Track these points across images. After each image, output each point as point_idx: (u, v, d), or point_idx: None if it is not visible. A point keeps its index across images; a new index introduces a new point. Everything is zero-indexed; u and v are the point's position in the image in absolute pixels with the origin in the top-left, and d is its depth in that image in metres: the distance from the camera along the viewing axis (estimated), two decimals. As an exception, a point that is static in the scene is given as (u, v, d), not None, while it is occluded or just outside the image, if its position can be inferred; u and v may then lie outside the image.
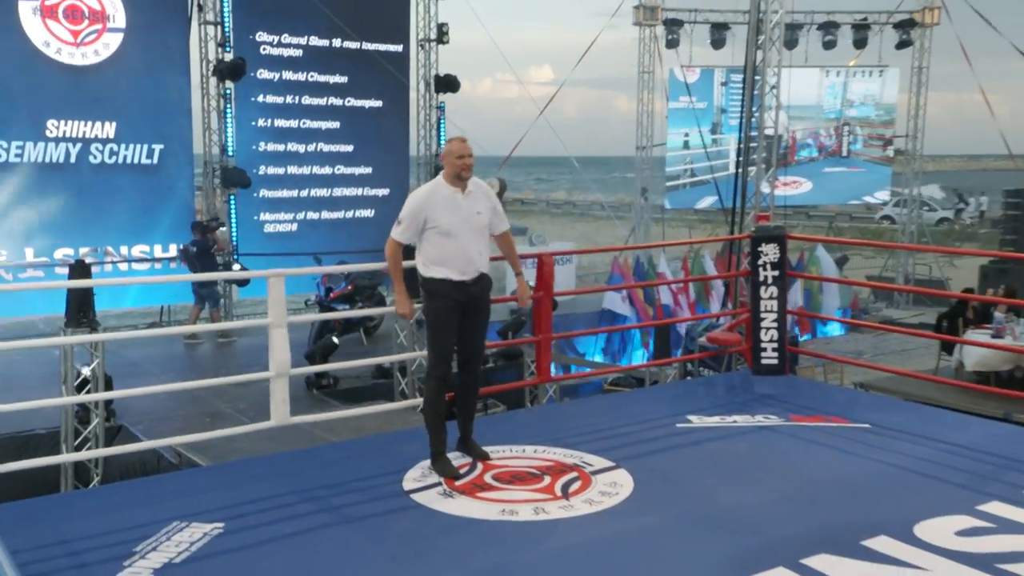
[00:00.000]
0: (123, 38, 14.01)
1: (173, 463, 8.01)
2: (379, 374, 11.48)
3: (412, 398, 8.88)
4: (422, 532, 4.45)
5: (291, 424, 5.80)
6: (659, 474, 5.21)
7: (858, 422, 6.12)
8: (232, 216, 15.23)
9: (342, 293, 12.51)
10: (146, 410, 9.82)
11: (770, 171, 14.26)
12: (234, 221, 15.27)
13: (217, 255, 14.27)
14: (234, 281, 14.26)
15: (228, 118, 15.15)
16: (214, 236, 13.96)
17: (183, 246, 13.94)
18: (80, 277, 8.39)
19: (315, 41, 15.95)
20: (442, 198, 5.08)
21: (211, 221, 14.38)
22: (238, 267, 14.43)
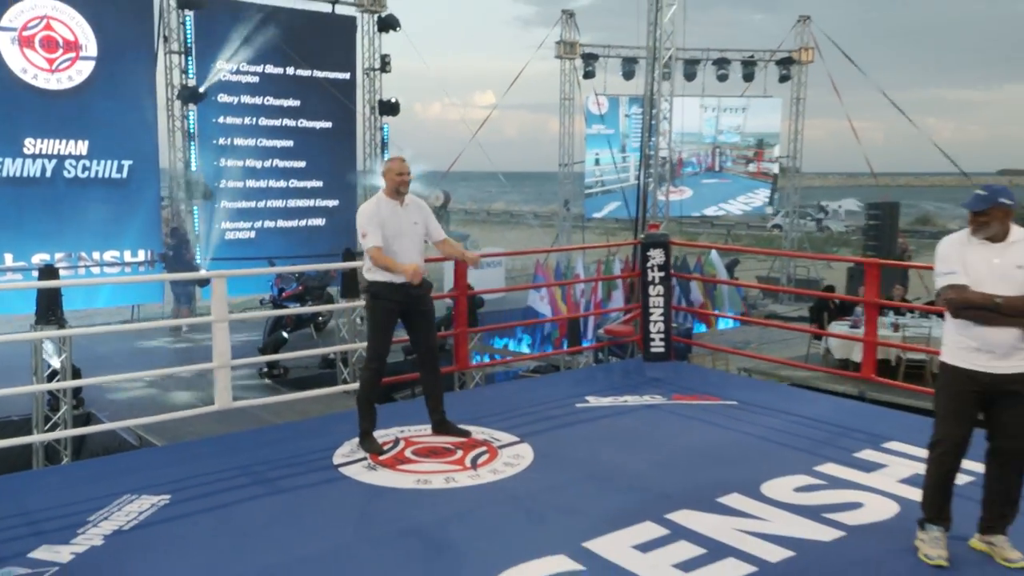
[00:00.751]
0: (95, 65, 13.82)
1: (134, 445, 7.93)
2: (325, 364, 11.49)
3: (352, 383, 8.86)
4: (346, 500, 4.51)
5: (238, 408, 5.81)
6: (556, 446, 5.32)
7: (728, 399, 6.31)
8: (195, 225, 15.07)
9: (293, 293, 12.44)
10: (115, 400, 9.70)
11: (665, 184, 14.60)
12: (197, 230, 15.11)
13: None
14: (196, 281, 14.10)
15: (191, 137, 14.99)
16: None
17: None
18: (48, 280, 8.25)
19: (271, 69, 15.90)
20: (385, 210, 5.13)
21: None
22: (203, 271, 14.29)
